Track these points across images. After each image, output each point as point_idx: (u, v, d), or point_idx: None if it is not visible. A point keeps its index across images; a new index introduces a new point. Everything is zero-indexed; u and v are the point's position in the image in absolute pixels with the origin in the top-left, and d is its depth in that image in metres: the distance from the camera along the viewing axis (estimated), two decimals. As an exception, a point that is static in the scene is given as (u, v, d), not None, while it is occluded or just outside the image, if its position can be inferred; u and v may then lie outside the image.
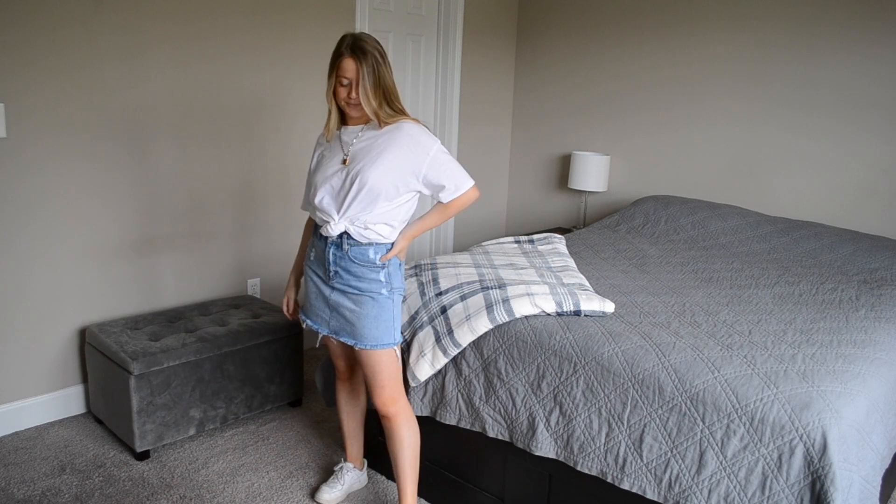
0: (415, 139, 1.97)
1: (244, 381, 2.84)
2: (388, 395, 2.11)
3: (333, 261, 2.05)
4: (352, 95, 1.94)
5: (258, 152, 3.35)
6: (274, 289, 3.56)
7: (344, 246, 2.02)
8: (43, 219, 2.72)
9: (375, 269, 2.03)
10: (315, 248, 2.12)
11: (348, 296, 2.05)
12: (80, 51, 2.69)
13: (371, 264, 2.02)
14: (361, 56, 1.91)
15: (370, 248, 2.02)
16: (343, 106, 2.00)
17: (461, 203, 2.05)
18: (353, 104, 1.97)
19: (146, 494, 2.42)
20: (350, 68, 1.91)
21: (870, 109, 3.29)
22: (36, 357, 2.81)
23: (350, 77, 1.92)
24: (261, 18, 3.23)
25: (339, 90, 1.96)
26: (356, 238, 2.01)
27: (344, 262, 2.04)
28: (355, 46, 1.92)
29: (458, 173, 2.02)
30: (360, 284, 2.03)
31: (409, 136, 1.97)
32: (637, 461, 1.87)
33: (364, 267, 2.02)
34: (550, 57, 4.43)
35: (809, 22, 3.40)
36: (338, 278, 2.06)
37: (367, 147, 1.99)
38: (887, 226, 3.30)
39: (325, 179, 2.04)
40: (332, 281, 2.07)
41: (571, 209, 4.48)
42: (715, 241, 3.27)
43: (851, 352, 2.01)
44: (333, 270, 2.06)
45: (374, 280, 2.03)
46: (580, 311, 2.19)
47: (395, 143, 1.96)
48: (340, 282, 2.05)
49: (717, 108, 3.76)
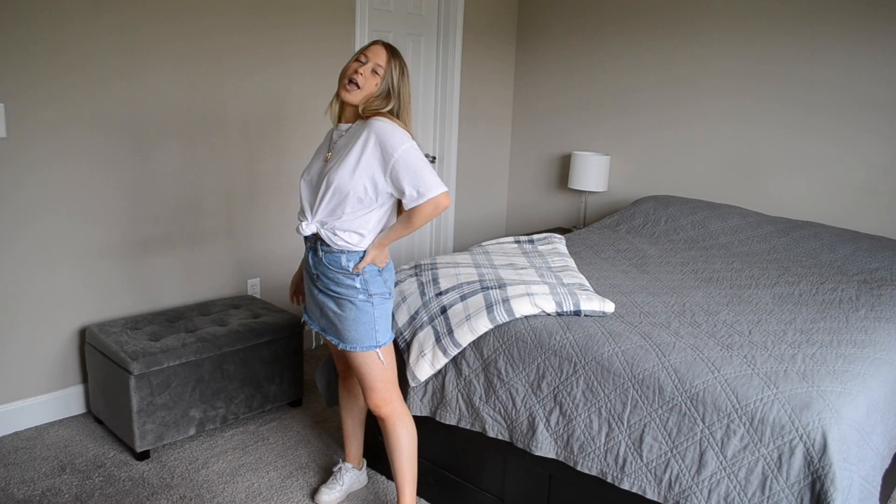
0: (382, 137, 1.89)
1: (244, 381, 2.84)
2: (380, 396, 2.11)
3: (313, 265, 2.08)
4: (359, 71, 1.95)
5: (258, 152, 3.35)
6: (274, 289, 3.56)
7: (319, 252, 2.05)
8: (43, 218, 2.72)
9: (350, 275, 2.02)
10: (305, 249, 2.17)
11: (331, 297, 2.07)
12: (80, 51, 2.69)
13: (345, 271, 2.02)
14: (390, 50, 1.99)
15: (342, 255, 2.01)
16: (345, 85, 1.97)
17: (427, 212, 1.90)
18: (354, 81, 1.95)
19: (146, 494, 2.42)
20: (374, 51, 1.97)
21: (870, 109, 3.29)
22: (36, 357, 2.81)
23: (369, 57, 1.96)
24: (260, 18, 3.23)
25: (352, 65, 1.98)
26: (328, 244, 2.01)
27: (321, 267, 2.06)
28: (388, 44, 2.01)
29: (426, 177, 1.88)
30: (338, 289, 2.04)
31: (376, 133, 1.90)
32: (637, 461, 1.87)
33: (339, 273, 2.03)
34: (550, 57, 4.43)
35: (810, 22, 3.40)
36: (319, 281, 2.08)
37: (341, 146, 2.01)
38: (887, 226, 3.30)
39: (307, 172, 2.08)
40: (317, 283, 2.10)
41: (571, 209, 4.48)
42: (715, 241, 3.27)
43: (851, 352, 2.01)
44: (315, 274, 2.09)
45: (350, 286, 2.03)
46: (580, 311, 2.19)
47: (361, 140, 1.92)
48: (322, 284, 2.08)
49: (717, 108, 3.76)
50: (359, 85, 1.95)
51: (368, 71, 1.96)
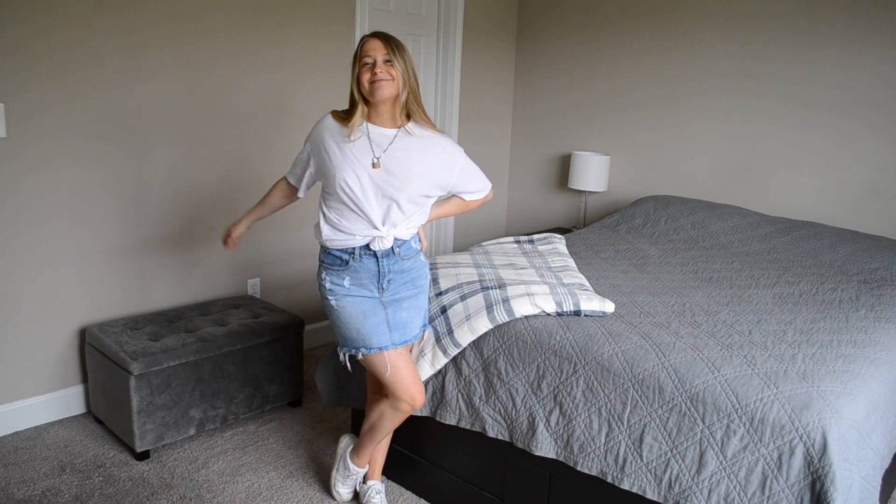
0: (448, 153, 2.07)
1: (244, 381, 2.84)
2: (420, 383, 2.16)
3: (387, 265, 2.06)
4: (376, 71, 1.91)
5: (259, 152, 3.35)
6: (274, 289, 3.56)
7: (394, 249, 2.06)
8: (43, 219, 2.72)
9: (418, 255, 2.14)
10: (354, 272, 2.04)
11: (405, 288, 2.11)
12: (81, 51, 2.69)
13: (416, 253, 2.13)
14: (384, 36, 1.97)
15: (411, 239, 2.11)
16: (368, 89, 1.94)
17: (480, 202, 2.27)
18: (379, 80, 1.91)
19: (146, 494, 2.42)
20: (372, 46, 1.94)
21: (870, 109, 3.29)
22: (36, 357, 2.81)
23: (372, 55, 1.93)
24: (261, 19, 3.23)
25: (363, 73, 1.94)
26: (402, 238, 2.07)
27: (395, 264, 2.07)
28: (377, 32, 2.00)
29: (482, 178, 2.20)
30: (412, 274, 2.12)
31: (443, 150, 2.05)
32: (637, 461, 1.87)
33: (409, 260, 2.10)
34: (550, 56, 4.43)
35: (809, 21, 3.40)
36: (391, 286, 2.08)
37: (403, 158, 1.98)
38: (887, 226, 3.30)
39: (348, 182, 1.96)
40: (385, 292, 2.08)
41: (571, 209, 4.48)
42: (715, 241, 3.27)
43: (851, 352, 2.01)
44: (388, 280, 2.07)
45: (424, 263, 2.17)
46: (580, 311, 2.19)
47: (431, 157, 2.02)
48: (394, 284, 2.08)
49: (717, 108, 3.76)
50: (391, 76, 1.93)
51: (382, 63, 1.93)
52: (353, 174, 1.96)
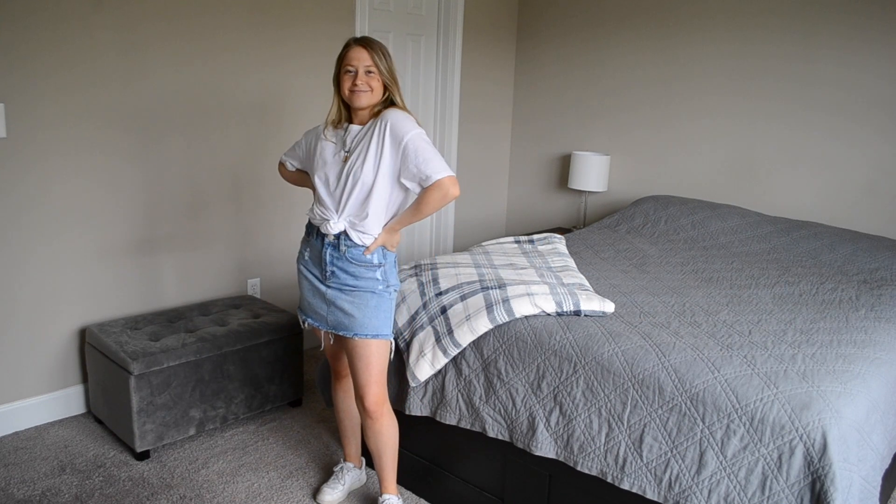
0: (394, 124, 1.98)
1: (244, 381, 2.84)
2: (380, 392, 2.14)
3: (330, 261, 2.08)
4: (356, 83, 1.98)
5: (258, 151, 3.35)
6: (274, 289, 3.56)
7: (341, 247, 2.06)
8: (43, 218, 2.72)
9: (372, 268, 2.06)
10: (311, 248, 2.15)
11: (345, 292, 2.08)
12: (80, 49, 2.69)
13: (368, 264, 2.05)
14: (368, 45, 2.00)
15: (363, 246, 2.06)
16: (348, 97, 2.02)
17: (435, 198, 1.95)
18: (359, 91, 1.99)
19: (146, 494, 2.42)
20: (356, 56, 1.99)
21: (871, 109, 3.29)
22: (36, 357, 2.81)
23: (355, 65, 1.98)
24: (261, 17, 3.23)
25: (345, 80, 2.01)
26: (353, 240, 2.04)
27: (341, 263, 2.07)
28: (361, 38, 2.03)
29: (432, 160, 1.93)
30: (356, 282, 2.06)
31: (389, 123, 1.98)
32: (637, 461, 1.87)
33: (360, 267, 2.06)
34: (550, 56, 4.43)
35: (809, 20, 3.40)
36: (334, 278, 2.09)
37: (360, 143, 2.04)
38: (887, 226, 3.30)
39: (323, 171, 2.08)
40: (329, 281, 2.10)
41: (571, 209, 4.48)
42: (715, 241, 3.27)
43: (851, 352, 2.01)
44: (330, 271, 2.09)
45: (371, 279, 2.07)
46: (580, 311, 2.19)
47: (378, 133, 2.00)
48: (337, 281, 2.08)
49: (717, 108, 3.76)
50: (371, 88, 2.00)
51: (363, 74, 1.99)
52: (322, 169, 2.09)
